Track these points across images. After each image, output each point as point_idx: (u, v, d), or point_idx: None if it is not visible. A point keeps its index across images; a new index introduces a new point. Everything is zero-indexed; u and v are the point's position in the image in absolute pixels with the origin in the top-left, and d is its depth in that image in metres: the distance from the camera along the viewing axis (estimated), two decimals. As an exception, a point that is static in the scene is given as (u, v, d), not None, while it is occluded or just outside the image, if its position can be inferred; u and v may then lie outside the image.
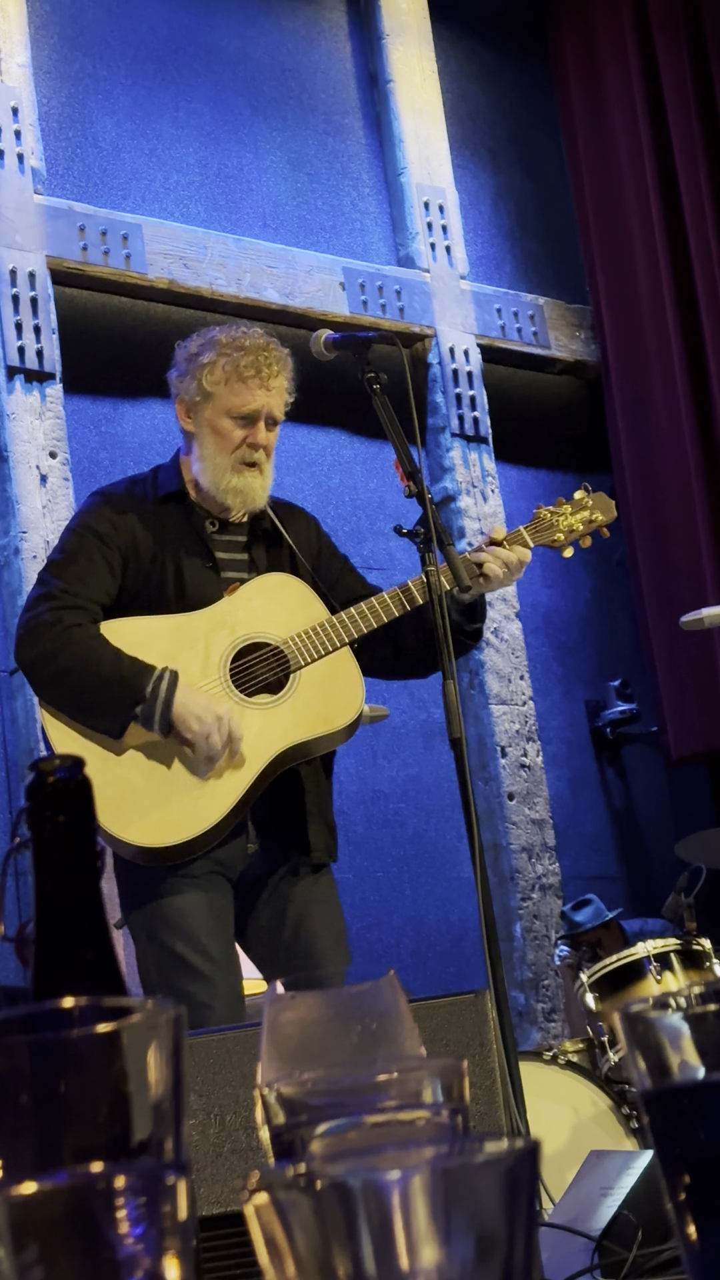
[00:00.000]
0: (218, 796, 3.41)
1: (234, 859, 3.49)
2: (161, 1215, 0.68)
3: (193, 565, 3.56)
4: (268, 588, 3.58)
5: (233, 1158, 2.01)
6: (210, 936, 3.40)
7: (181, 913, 3.40)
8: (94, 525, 3.56)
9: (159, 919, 3.40)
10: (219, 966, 3.39)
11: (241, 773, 3.44)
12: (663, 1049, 0.81)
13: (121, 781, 3.41)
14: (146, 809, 3.39)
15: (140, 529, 3.56)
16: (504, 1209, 0.67)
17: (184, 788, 3.42)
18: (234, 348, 3.56)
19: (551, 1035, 5.70)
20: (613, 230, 6.82)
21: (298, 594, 3.58)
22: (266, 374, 3.54)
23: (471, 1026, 2.10)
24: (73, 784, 0.97)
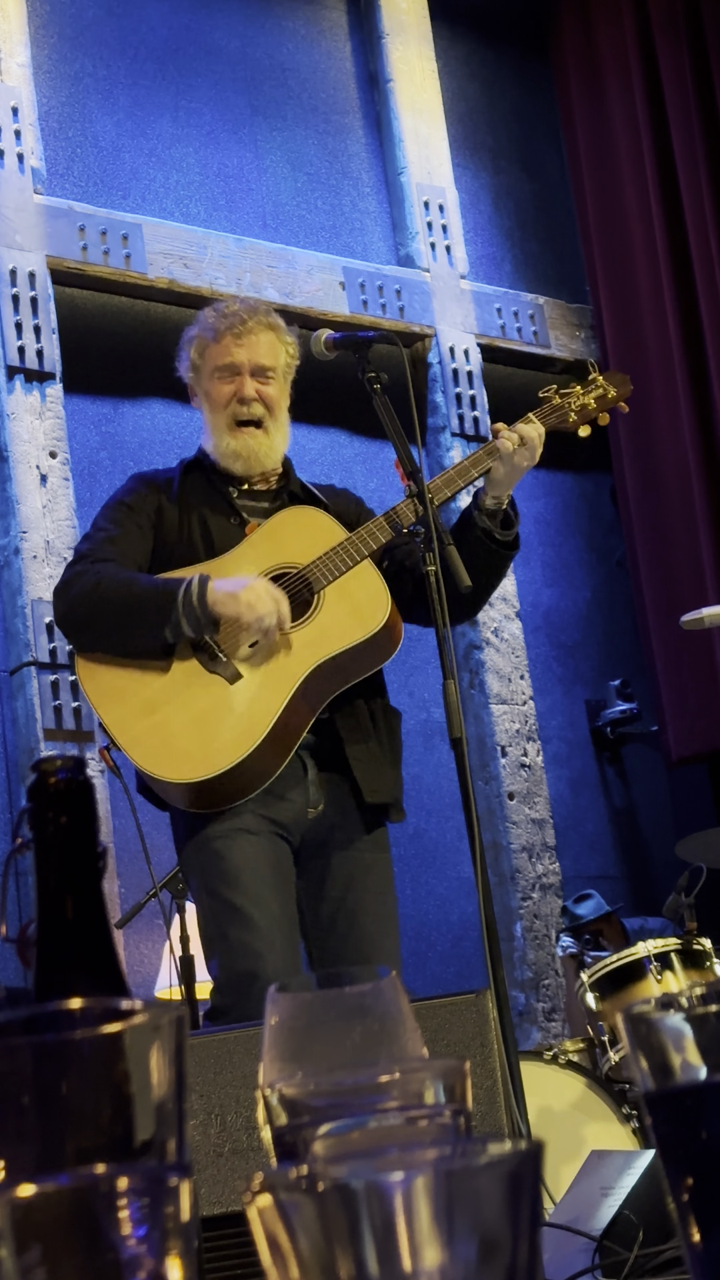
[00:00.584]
0: (255, 721, 3.42)
1: (295, 823, 3.49)
2: (164, 1216, 0.68)
3: (219, 523, 3.62)
4: (286, 520, 3.62)
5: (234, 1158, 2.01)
6: (271, 890, 3.40)
7: (240, 867, 3.39)
8: (123, 499, 3.66)
9: (217, 873, 3.40)
10: (276, 920, 3.38)
11: (275, 696, 3.44)
12: (665, 1050, 0.81)
13: (162, 727, 3.44)
14: (189, 748, 3.41)
15: (166, 499, 3.64)
16: (507, 1210, 0.67)
17: (224, 719, 3.44)
18: (214, 315, 3.66)
19: (552, 1035, 5.70)
20: (613, 230, 6.82)
21: (316, 521, 3.61)
22: (241, 329, 3.62)
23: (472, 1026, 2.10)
24: (74, 785, 0.97)
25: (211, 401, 3.64)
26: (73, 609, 3.49)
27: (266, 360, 3.62)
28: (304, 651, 3.49)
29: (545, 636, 6.50)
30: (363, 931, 3.49)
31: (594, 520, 6.77)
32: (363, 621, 3.52)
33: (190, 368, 3.68)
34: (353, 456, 6.13)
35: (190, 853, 3.46)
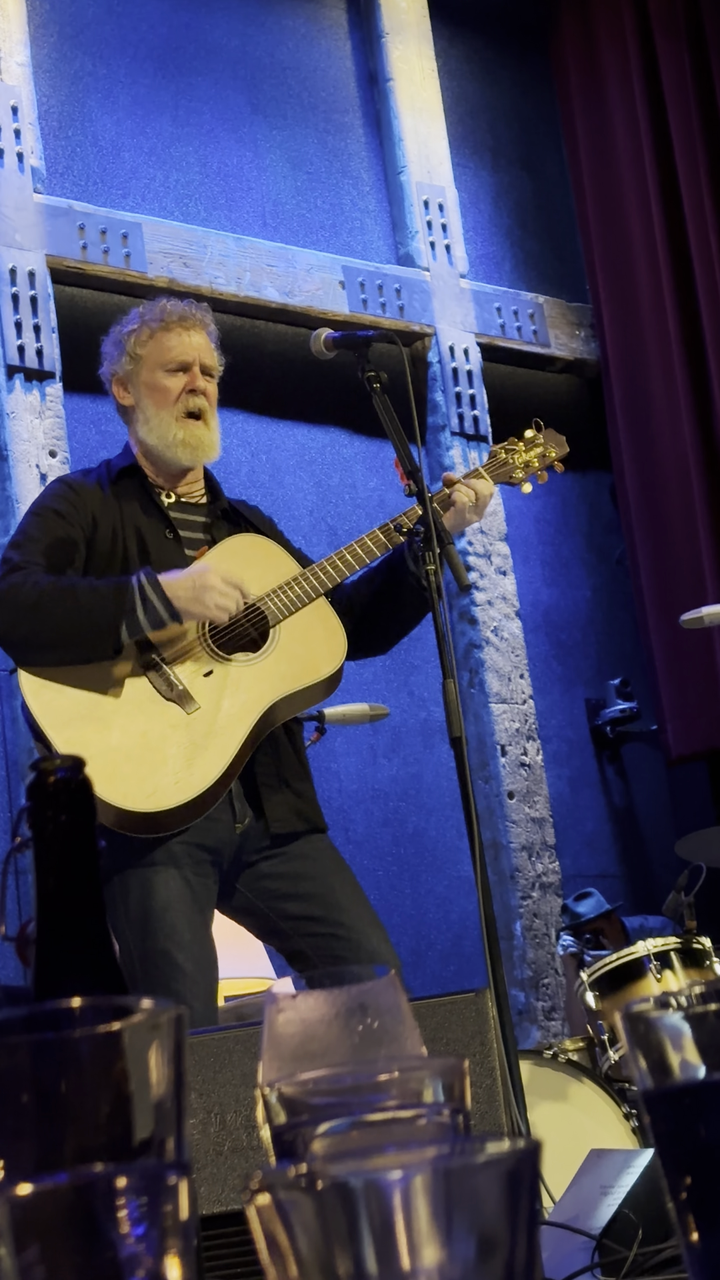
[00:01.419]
0: (213, 755, 3.38)
1: (223, 843, 3.45)
2: (163, 1215, 0.68)
3: (155, 536, 3.57)
4: (237, 548, 3.58)
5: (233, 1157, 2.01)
6: (193, 932, 3.36)
7: (167, 905, 3.35)
8: (52, 505, 3.57)
9: (144, 910, 3.35)
10: (199, 966, 3.35)
11: (235, 730, 3.41)
12: (664, 1048, 0.81)
13: (115, 751, 3.36)
14: (142, 776, 3.35)
15: (99, 506, 3.57)
16: (505, 1209, 0.67)
17: (178, 751, 3.39)
18: (155, 312, 3.67)
19: (552, 1034, 5.70)
20: (613, 228, 6.82)
21: (268, 552, 3.59)
22: (190, 323, 3.64)
23: (472, 1025, 2.10)
24: (74, 784, 0.98)
25: (158, 394, 3.61)
26: (14, 623, 3.38)
27: (210, 360, 3.65)
28: (262, 687, 3.45)
29: (545, 635, 6.50)
30: (340, 909, 3.47)
31: (594, 519, 6.77)
32: (322, 661, 3.51)
33: (128, 359, 3.65)
34: (352, 455, 6.13)
35: (116, 883, 3.38)
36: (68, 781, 0.97)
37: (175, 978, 3.31)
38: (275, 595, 3.51)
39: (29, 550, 3.49)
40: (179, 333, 3.62)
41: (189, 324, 3.63)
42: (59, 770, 0.97)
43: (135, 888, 3.36)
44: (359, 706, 4.48)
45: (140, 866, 3.36)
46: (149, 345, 3.63)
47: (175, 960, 3.32)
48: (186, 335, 3.62)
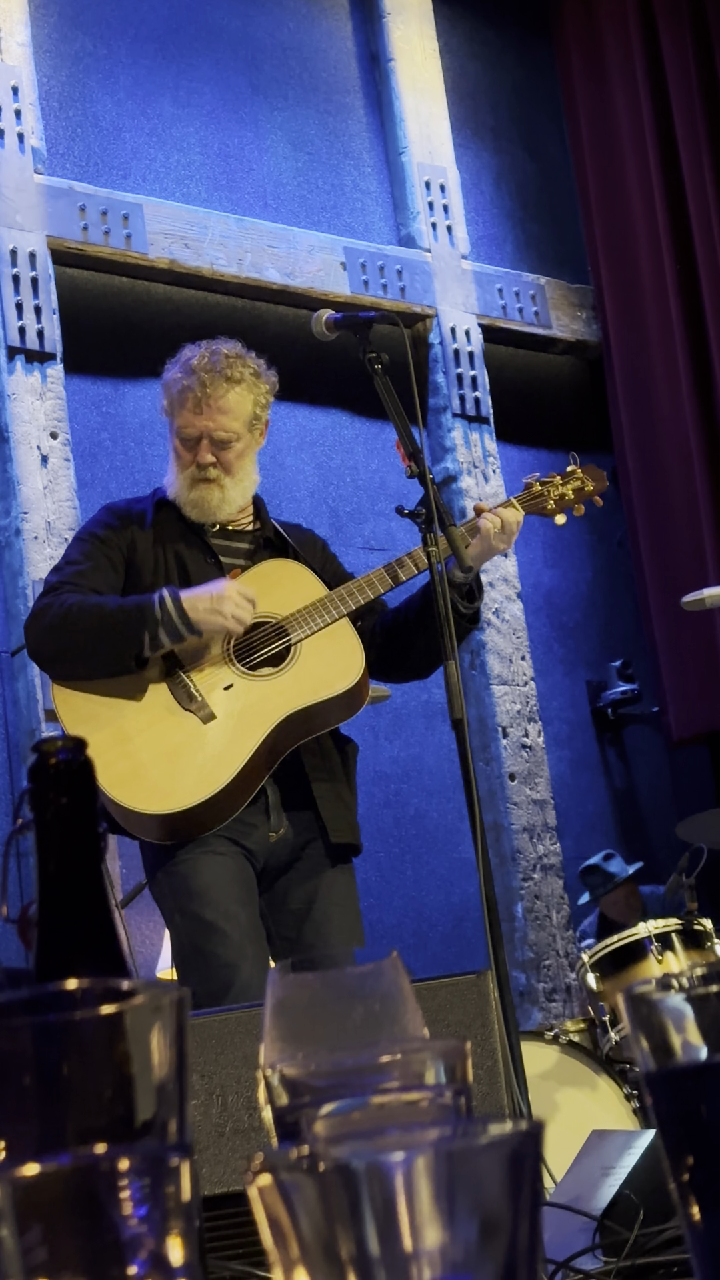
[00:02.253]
0: (225, 762, 3.50)
1: (257, 845, 3.57)
2: (165, 1196, 0.68)
3: (196, 563, 3.68)
4: (268, 571, 3.69)
5: (235, 1138, 2.01)
6: (239, 905, 3.50)
7: (209, 884, 3.49)
8: (95, 531, 3.71)
9: (187, 891, 3.49)
10: (246, 932, 3.46)
11: (248, 738, 3.52)
12: (666, 1030, 0.81)
13: (132, 757, 3.51)
14: (158, 781, 3.48)
15: (140, 532, 3.69)
16: (507, 1190, 0.67)
17: (193, 756, 3.51)
18: (185, 371, 3.66)
19: (553, 1015, 5.71)
20: (614, 210, 6.80)
21: (298, 575, 3.68)
22: (204, 397, 3.63)
23: (473, 1007, 2.10)
24: (75, 766, 0.97)
25: (176, 456, 3.70)
26: (44, 639, 3.53)
27: (227, 426, 3.65)
28: (278, 700, 3.55)
29: (546, 618, 6.50)
30: (329, 943, 3.56)
31: (595, 501, 6.77)
32: (337, 677, 3.60)
33: (164, 411, 3.74)
34: (354, 437, 6.13)
35: (160, 879, 3.54)
36: (69, 763, 0.97)
37: (219, 942, 3.42)
38: (299, 616, 3.61)
39: (68, 573, 3.63)
40: (190, 412, 3.64)
41: (205, 397, 3.63)
42: (60, 752, 0.97)
43: (178, 876, 3.51)
44: (360, 688, 4.48)
45: (180, 857, 3.48)
46: (173, 401, 3.68)
47: (222, 929, 3.44)
48: (197, 413, 3.63)
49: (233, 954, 3.41)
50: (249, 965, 3.42)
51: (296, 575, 3.69)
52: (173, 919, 3.53)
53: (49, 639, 3.53)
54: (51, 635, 3.52)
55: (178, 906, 3.50)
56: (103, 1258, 0.67)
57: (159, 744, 3.52)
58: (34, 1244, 0.66)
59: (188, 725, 3.54)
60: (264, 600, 3.63)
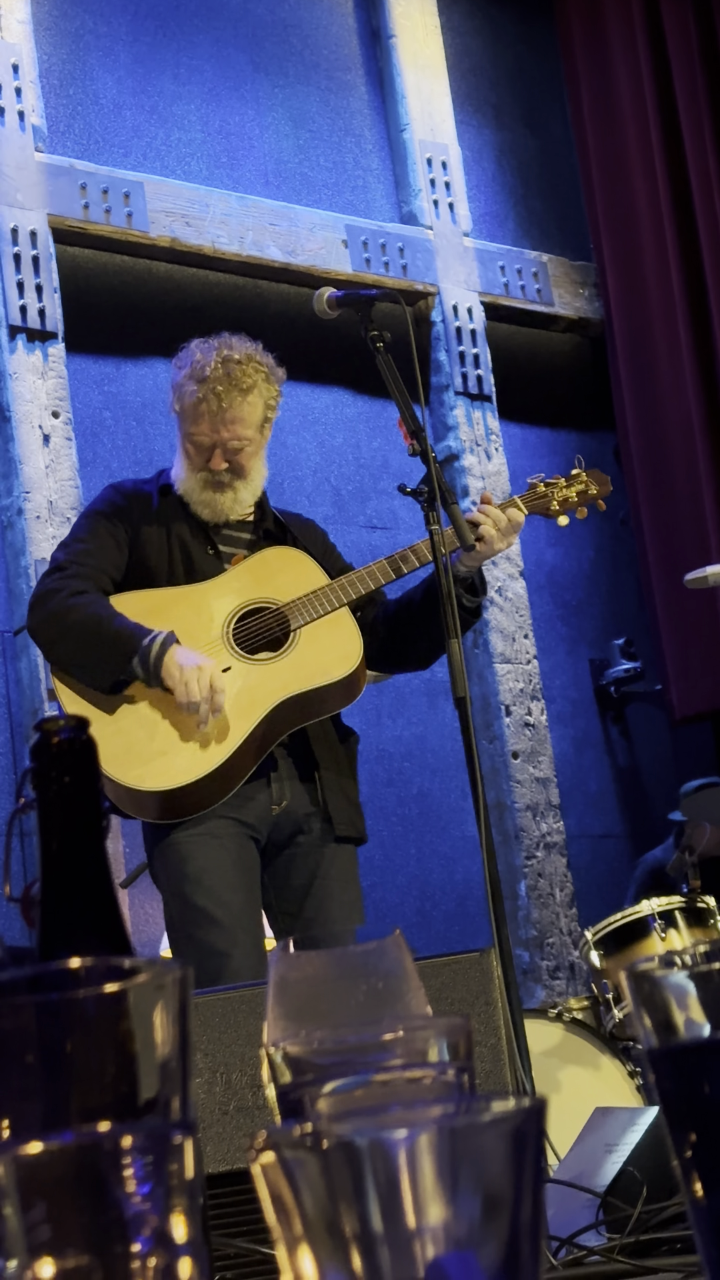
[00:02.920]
0: (220, 743, 3.52)
1: (260, 820, 3.58)
2: (168, 1174, 0.69)
3: (198, 551, 3.71)
4: (270, 559, 3.71)
5: (239, 1116, 2.01)
6: (232, 891, 3.51)
7: (204, 869, 3.51)
8: (101, 509, 3.74)
9: (182, 875, 3.52)
10: (239, 919, 3.48)
11: (243, 722, 3.54)
12: (669, 1007, 0.81)
13: (126, 733, 3.54)
14: (150, 756, 3.51)
15: (146, 515, 3.72)
16: (511, 1167, 0.67)
17: (187, 737, 3.54)
18: (196, 376, 3.65)
19: (556, 993, 5.72)
20: (616, 186, 6.78)
21: (300, 563, 3.70)
22: (218, 407, 3.63)
23: (476, 985, 2.11)
24: (77, 744, 0.97)
25: (186, 457, 3.70)
26: (42, 628, 3.60)
27: (241, 435, 3.66)
28: (274, 684, 3.58)
29: (549, 595, 6.50)
30: (330, 919, 3.58)
31: (598, 479, 6.76)
32: (334, 665, 3.62)
33: (171, 406, 3.74)
34: (356, 415, 6.12)
35: (157, 859, 3.57)
36: (71, 742, 0.97)
37: (211, 930, 3.45)
38: (299, 603, 3.63)
39: (75, 552, 3.66)
40: (205, 421, 3.63)
41: (218, 407, 3.62)
42: (62, 731, 0.97)
43: (173, 857, 3.53)
44: (363, 667, 4.48)
45: (177, 836, 3.51)
46: (185, 405, 3.67)
47: (213, 915, 3.47)
48: (213, 420, 3.63)
49: (224, 942, 3.43)
50: (240, 953, 3.44)
51: (298, 563, 3.71)
52: (167, 900, 3.57)
53: (46, 629, 3.59)
54: (50, 626, 3.57)
55: (172, 889, 3.53)
56: (106, 1235, 0.67)
57: (155, 722, 3.55)
58: (37, 1222, 0.66)
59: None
60: (265, 586, 3.66)
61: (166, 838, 3.54)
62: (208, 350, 3.68)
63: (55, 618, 3.55)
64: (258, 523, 3.79)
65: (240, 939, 3.46)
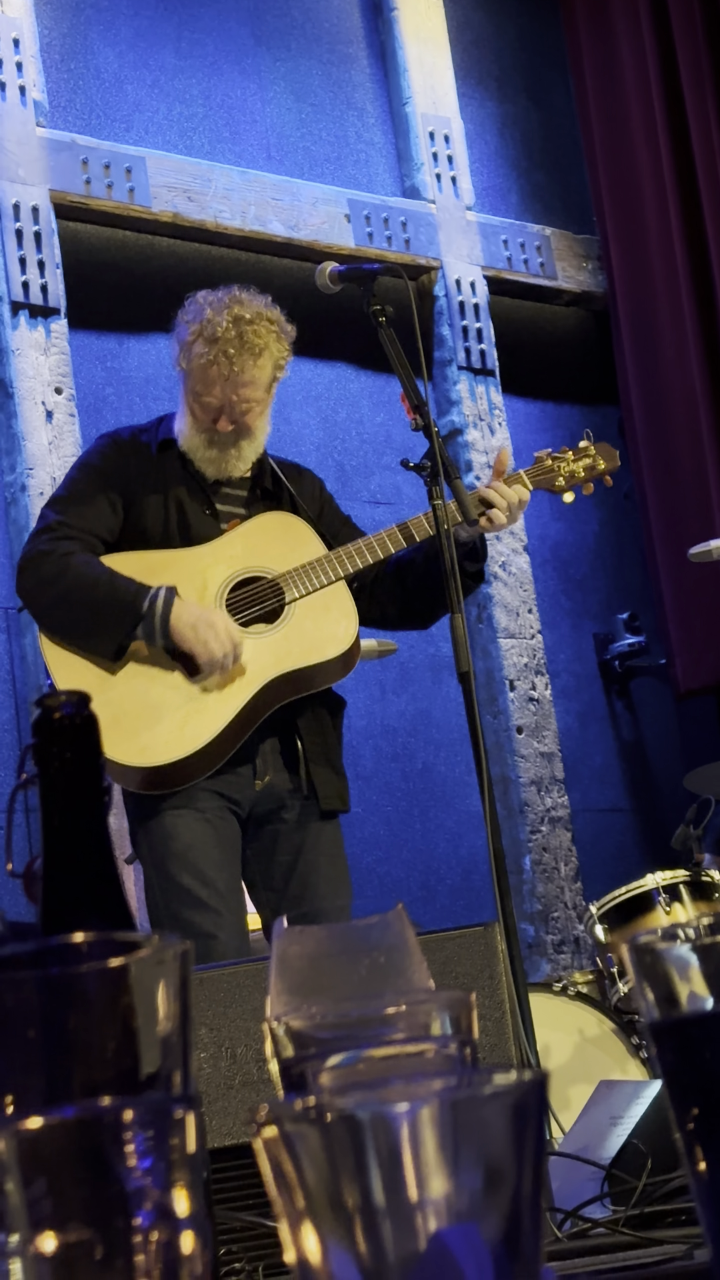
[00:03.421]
0: (207, 719, 3.48)
1: (242, 794, 3.54)
2: (170, 1148, 0.69)
3: (194, 510, 3.64)
4: (267, 525, 3.64)
5: (244, 1090, 2.02)
6: (217, 870, 3.46)
7: (189, 846, 3.47)
8: (96, 463, 3.67)
9: (167, 851, 3.47)
10: (224, 899, 3.45)
11: (232, 698, 3.50)
12: (671, 980, 0.81)
13: (114, 704, 3.47)
14: (137, 730, 3.46)
15: (141, 471, 3.65)
16: (512, 1140, 0.67)
17: (174, 711, 3.49)
18: (206, 337, 3.56)
19: (561, 967, 5.73)
20: (620, 159, 6.76)
21: (296, 531, 3.64)
22: (230, 372, 3.55)
23: (481, 959, 2.11)
24: (78, 720, 0.97)
25: (191, 412, 3.63)
26: (36, 593, 3.52)
27: (250, 397, 3.60)
28: (267, 659, 3.53)
29: (553, 570, 6.49)
30: (317, 895, 3.55)
31: (602, 453, 6.75)
32: (329, 642, 3.57)
33: (179, 363, 3.65)
34: (359, 390, 6.11)
35: (141, 834, 3.53)
36: (72, 718, 0.97)
37: (196, 910, 3.40)
38: (295, 574, 3.57)
39: (64, 509, 3.59)
40: (217, 380, 3.56)
41: (230, 370, 3.54)
42: (64, 706, 0.97)
43: (156, 832, 3.48)
44: (367, 643, 4.48)
45: (162, 813, 3.47)
46: (193, 365, 3.59)
47: (198, 895, 3.42)
48: (225, 379, 3.55)
49: (210, 923, 3.40)
50: (225, 935, 3.41)
51: (295, 531, 3.65)
52: (149, 876, 3.51)
53: (40, 594, 3.52)
54: (44, 591, 3.50)
55: (155, 865, 3.48)
56: (108, 1209, 0.67)
57: (143, 695, 3.49)
58: (39, 1196, 0.67)
59: (173, 678, 3.50)
60: (260, 554, 3.60)
61: (152, 813, 3.49)
62: (218, 307, 3.60)
63: (49, 582, 3.49)
64: (255, 480, 3.72)
65: (226, 921, 3.43)
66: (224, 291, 3.66)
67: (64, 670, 3.51)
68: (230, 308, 3.59)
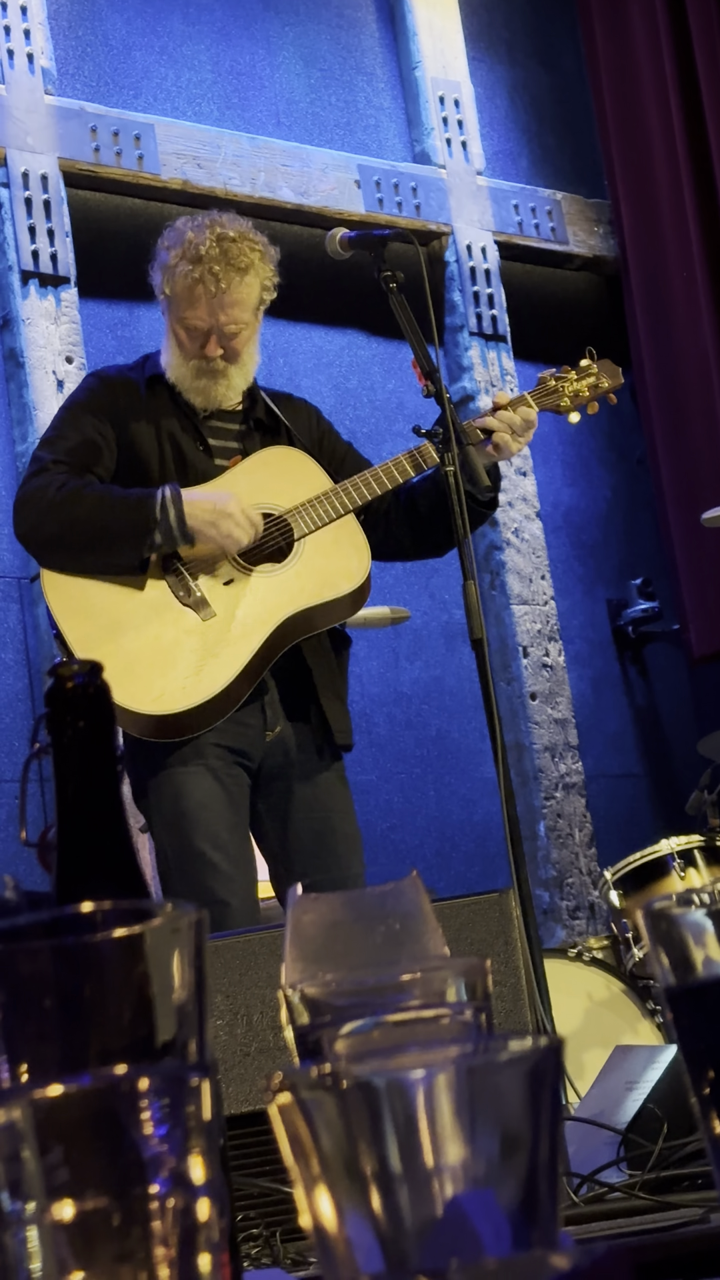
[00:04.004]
0: (224, 663, 3.41)
1: (253, 747, 3.49)
2: (185, 1116, 0.69)
3: (189, 446, 3.57)
4: (269, 460, 3.58)
5: (260, 1057, 2.03)
6: (230, 831, 3.41)
7: (202, 805, 3.40)
8: (84, 401, 3.60)
9: (177, 811, 3.40)
10: (237, 863, 3.40)
11: (247, 640, 3.43)
12: (686, 945, 0.81)
13: (126, 651, 3.40)
14: (151, 677, 3.38)
15: (132, 408, 3.57)
16: (528, 1106, 0.67)
17: (189, 656, 3.41)
18: (190, 257, 3.51)
19: (576, 933, 5.74)
20: (631, 122, 6.73)
21: (300, 465, 3.58)
22: (216, 289, 3.50)
23: (496, 925, 2.11)
24: (91, 689, 0.97)
25: (177, 340, 3.57)
26: (39, 526, 3.43)
27: (237, 319, 3.53)
28: (279, 599, 3.46)
29: (566, 536, 6.48)
30: (333, 851, 3.50)
31: (614, 418, 6.72)
32: (342, 578, 3.51)
33: (161, 291, 3.59)
34: (370, 357, 6.09)
35: (150, 791, 3.44)
36: (85, 687, 0.97)
37: (212, 876, 3.36)
38: (303, 509, 3.50)
39: (57, 449, 3.51)
40: (203, 301, 3.50)
41: (217, 289, 3.49)
42: (76, 676, 0.97)
43: (168, 790, 3.40)
44: (380, 610, 4.47)
45: (172, 769, 3.41)
46: (178, 288, 3.53)
47: (211, 859, 3.37)
48: (211, 298, 3.49)
49: (223, 889, 3.34)
50: (238, 901, 3.36)
51: (299, 465, 3.59)
52: (159, 834, 3.44)
53: (44, 525, 3.42)
54: (47, 523, 3.41)
55: (166, 825, 3.41)
56: (124, 1177, 0.67)
57: (154, 639, 3.42)
58: (56, 1164, 0.67)
59: (185, 621, 3.44)
60: (265, 490, 3.53)
61: (160, 768, 3.42)
62: (199, 228, 3.55)
63: (50, 513, 3.40)
64: (247, 411, 3.65)
65: (237, 886, 3.38)
66: (204, 215, 3.61)
67: (72, 620, 3.41)
68: (213, 228, 3.55)
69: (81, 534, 3.40)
